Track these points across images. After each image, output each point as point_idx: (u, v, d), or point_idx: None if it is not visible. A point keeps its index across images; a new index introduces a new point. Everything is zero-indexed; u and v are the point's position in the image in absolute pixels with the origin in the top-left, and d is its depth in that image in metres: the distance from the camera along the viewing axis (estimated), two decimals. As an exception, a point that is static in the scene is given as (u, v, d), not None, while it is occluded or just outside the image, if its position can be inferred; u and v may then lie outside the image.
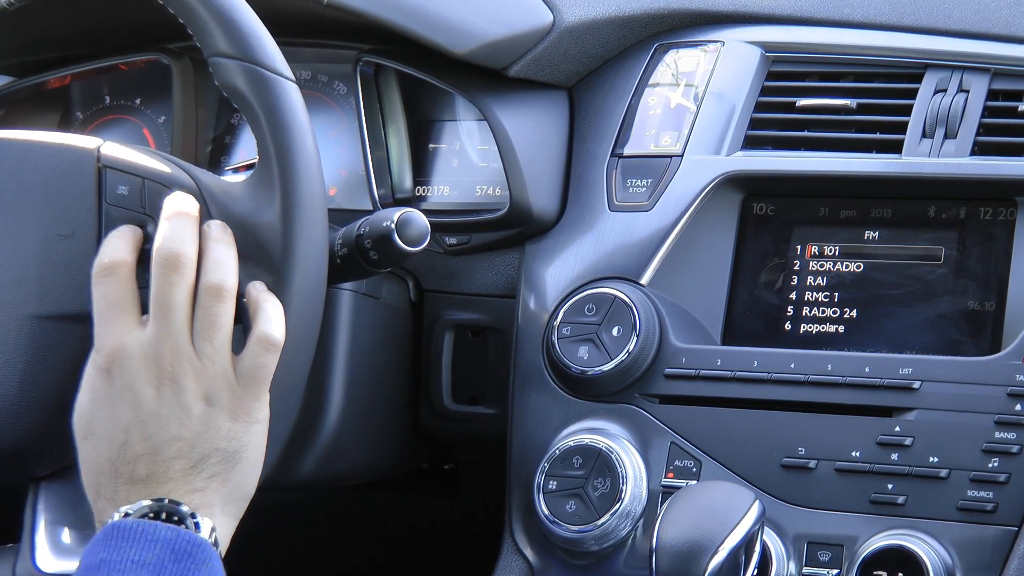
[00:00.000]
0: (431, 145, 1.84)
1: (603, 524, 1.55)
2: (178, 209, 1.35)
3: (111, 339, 1.30)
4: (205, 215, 1.45)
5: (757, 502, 1.41)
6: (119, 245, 1.34)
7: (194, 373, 1.29)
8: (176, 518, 1.26)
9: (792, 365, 1.56)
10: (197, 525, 1.26)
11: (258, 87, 1.42)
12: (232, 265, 1.35)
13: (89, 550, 1.25)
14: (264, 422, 1.32)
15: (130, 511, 1.25)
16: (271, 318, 1.33)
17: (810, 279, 1.62)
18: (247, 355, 1.31)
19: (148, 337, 1.29)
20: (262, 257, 1.40)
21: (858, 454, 1.51)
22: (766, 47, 1.73)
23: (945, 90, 1.63)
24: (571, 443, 1.57)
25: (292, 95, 1.43)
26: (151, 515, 1.25)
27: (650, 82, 1.76)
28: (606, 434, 1.59)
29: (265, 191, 1.41)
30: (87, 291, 1.43)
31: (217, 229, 1.36)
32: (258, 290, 1.34)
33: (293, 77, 1.45)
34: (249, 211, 1.42)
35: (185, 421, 1.27)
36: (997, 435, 1.47)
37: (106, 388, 1.30)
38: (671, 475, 1.57)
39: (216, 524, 1.27)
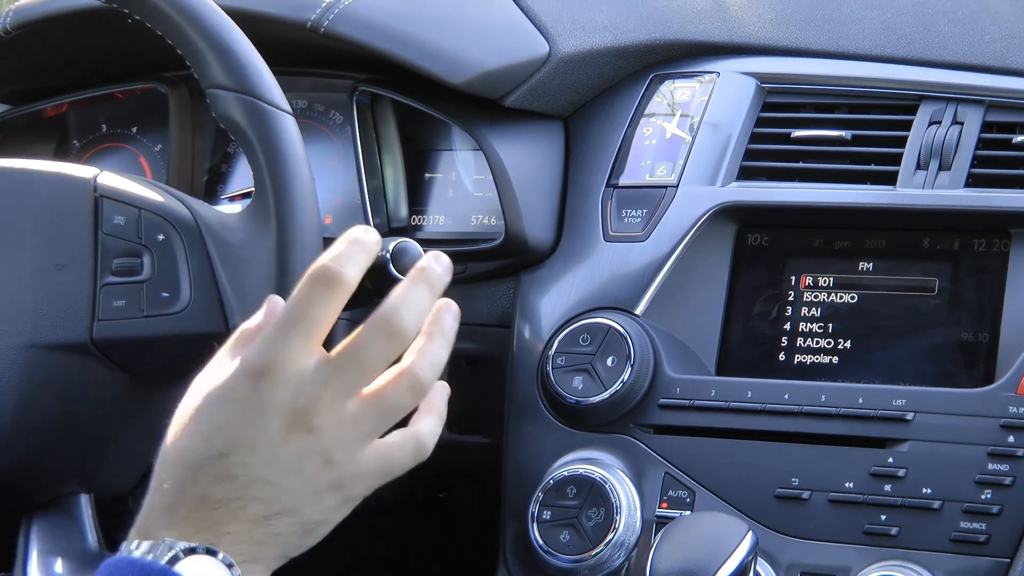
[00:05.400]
0: (427, 174, 1.85)
1: (597, 554, 1.54)
2: (421, 278, 1.17)
3: (284, 351, 1.11)
4: (202, 247, 1.47)
5: (750, 533, 1.40)
6: (357, 260, 1.15)
7: (336, 435, 1.12)
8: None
9: (786, 396, 1.55)
10: None
11: (255, 119, 1.44)
12: (441, 367, 1.17)
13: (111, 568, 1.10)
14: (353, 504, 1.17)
15: (174, 546, 1.08)
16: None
17: (804, 310, 1.61)
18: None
19: (320, 374, 1.12)
20: (258, 288, 1.41)
21: (851, 485, 1.50)
22: (761, 78, 1.74)
23: (940, 122, 1.64)
24: (565, 473, 1.57)
25: (289, 127, 1.45)
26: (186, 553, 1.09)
27: (645, 112, 1.77)
28: (600, 464, 1.58)
29: (261, 223, 1.43)
30: (83, 321, 1.46)
31: (452, 321, 1.20)
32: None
33: (290, 109, 1.47)
34: (244, 242, 1.44)
35: (292, 472, 1.11)
36: (990, 467, 1.46)
37: (242, 393, 1.12)
38: (665, 505, 1.56)
39: None
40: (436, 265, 1.17)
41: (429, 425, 1.17)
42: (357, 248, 1.13)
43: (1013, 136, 1.61)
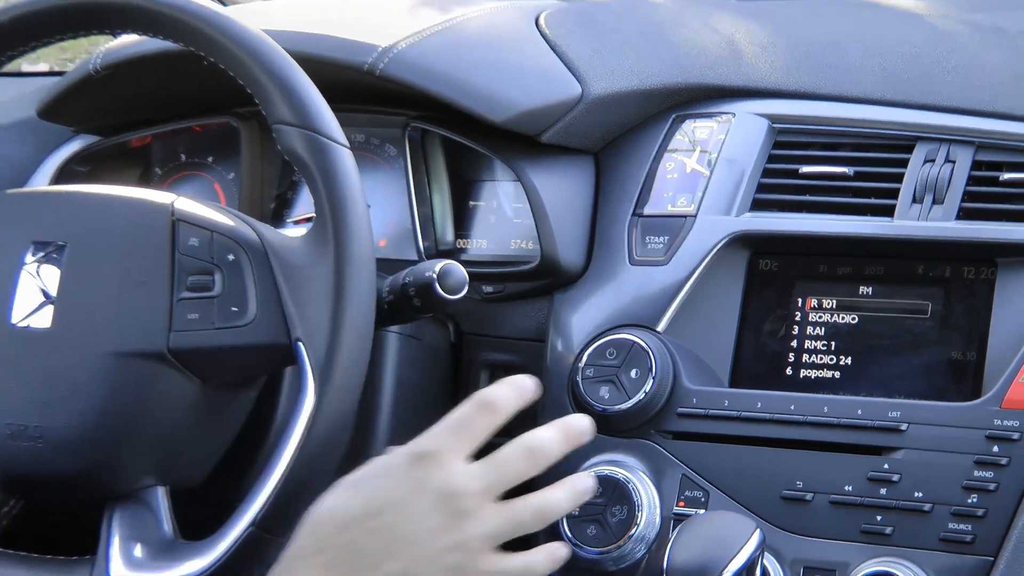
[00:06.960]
0: (471, 202, 1.89)
1: (620, 547, 1.57)
2: (563, 428, 1.36)
3: (444, 447, 1.27)
4: (267, 266, 1.49)
5: (758, 530, 1.44)
6: (513, 400, 1.33)
7: (474, 524, 1.26)
8: None
9: (792, 407, 1.58)
10: None
11: (315, 153, 1.47)
12: (560, 514, 1.35)
13: None
14: None
15: None
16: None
17: (810, 329, 1.64)
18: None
19: (469, 471, 1.27)
20: (318, 304, 1.46)
21: (850, 488, 1.53)
22: (773, 119, 1.76)
23: (934, 160, 1.66)
24: (592, 473, 1.55)
25: (346, 160, 1.48)
26: None
27: (668, 149, 1.78)
28: (624, 466, 1.61)
29: (320, 245, 1.47)
30: (160, 332, 1.51)
31: (585, 488, 1.38)
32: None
33: (347, 143, 1.50)
34: (305, 263, 1.48)
35: (429, 543, 1.23)
36: (976, 474, 1.49)
37: (403, 468, 1.25)
38: (682, 504, 1.60)
39: None
40: (579, 423, 1.37)
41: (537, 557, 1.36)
42: (517, 392, 1.34)
43: (1000, 174, 1.64)
